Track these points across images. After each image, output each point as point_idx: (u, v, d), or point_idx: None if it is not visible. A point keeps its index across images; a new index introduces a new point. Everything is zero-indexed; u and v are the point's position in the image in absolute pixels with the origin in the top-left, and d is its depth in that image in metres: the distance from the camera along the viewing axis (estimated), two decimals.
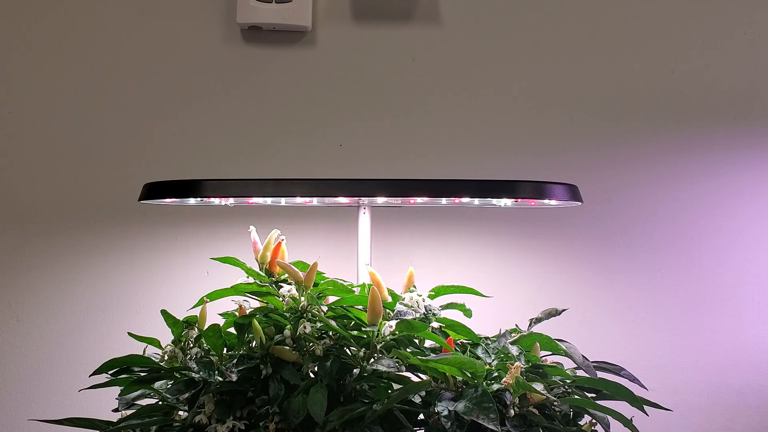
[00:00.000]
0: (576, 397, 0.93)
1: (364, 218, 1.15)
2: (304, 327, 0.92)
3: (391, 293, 1.02)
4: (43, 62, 1.44)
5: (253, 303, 1.01)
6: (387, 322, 0.93)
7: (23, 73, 1.43)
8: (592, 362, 0.96)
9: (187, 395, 0.92)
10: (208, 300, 1.01)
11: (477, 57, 1.45)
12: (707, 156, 1.43)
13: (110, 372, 0.97)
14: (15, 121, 1.43)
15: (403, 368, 0.91)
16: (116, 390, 0.98)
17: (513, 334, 1.00)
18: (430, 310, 1.00)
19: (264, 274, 1.02)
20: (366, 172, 1.41)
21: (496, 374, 0.92)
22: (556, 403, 0.91)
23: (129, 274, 1.41)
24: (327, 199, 1.15)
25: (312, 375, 0.93)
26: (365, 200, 1.14)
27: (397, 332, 0.93)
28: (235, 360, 0.93)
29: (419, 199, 1.13)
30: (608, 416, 0.90)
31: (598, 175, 1.43)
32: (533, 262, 1.43)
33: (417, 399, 0.93)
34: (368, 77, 1.44)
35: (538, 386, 0.89)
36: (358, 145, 1.43)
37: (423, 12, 1.45)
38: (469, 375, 0.89)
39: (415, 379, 0.94)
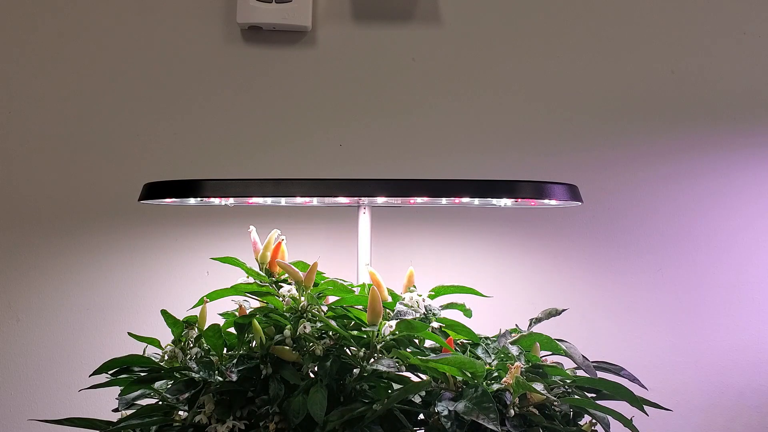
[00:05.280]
0: (576, 397, 0.93)
1: (364, 218, 1.15)
2: (304, 327, 0.92)
3: (391, 293, 1.02)
4: (43, 62, 1.44)
5: (253, 303, 1.01)
6: (387, 322, 0.93)
7: (23, 73, 1.43)
8: (592, 362, 0.96)
9: (187, 395, 0.92)
10: (208, 300, 1.01)
11: (477, 57, 1.45)
12: (707, 156, 1.43)
13: (110, 372, 0.97)
14: (15, 121, 1.43)
15: (403, 368, 0.91)
16: (116, 390, 0.98)
17: (513, 334, 1.00)
18: (430, 310, 1.00)
19: (264, 274, 1.02)
20: (366, 172, 1.41)
21: (496, 374, 0.92)
22: (556, 403, 0.91)
23: (129, 274, 1.41)
24: (327, 199, 1.15)
25: (312, 375, 0.93)
26: (365, 200, 1.14)
27: (397, 332, 0.93)
28: (235, 360, 0.93)
29: (419, 199, 1.13)
30: (608, 416, 0.90)
31: (598, 175, 1.43)
32: (533, 262, 1.43)
33: (417, 399, 0.93)
34: (368, 77, 1.44)
35: (538, 386, 0.89)
36: (358, 145, 1.43)
37: (423, 12, 1.45)
38: (469, 375, 0.89)
39: (415, 379, 0.94)
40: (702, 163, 1.43)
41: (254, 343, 0.94)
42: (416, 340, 0.97)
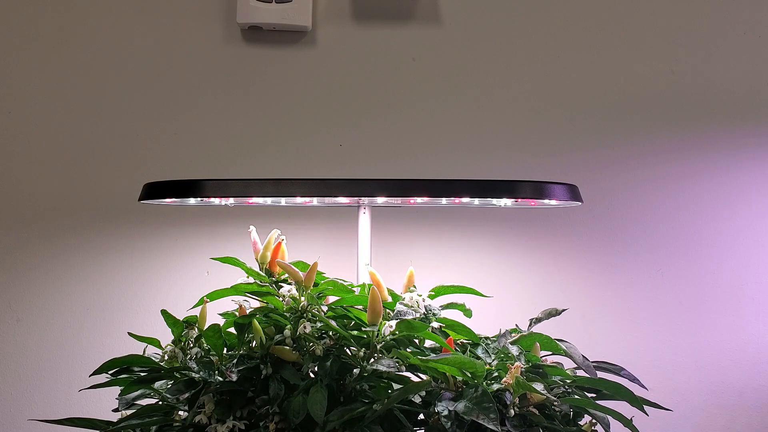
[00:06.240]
0: (576, 397, 0.93)
1: (364, 218, 1.15)
2: (304, 327, 0.92)
3: (391, 293, 1.02)
4: (43, 62, 1.44)
5: (253, 303, 1.01)
6: (387, 322, 0.93)
7: (23, 73, 1.43)
8: (592, 362, 0.96)
9: (187, 395, 0.92)
10: (208, 300, 1.01)
11: (477, 57, 1.45)
12: (707, 156, 1.43)
13: (110, 372, 0.97)
14: (15, 122, 1.43)
15: (403, 368, 0.91)
16: (116, 390, 0.98)
17: (513, 334, 1.00)
18: (430, 310, 1.00)
19: (264, 274, 1.02)
20: (366, 172, 1.41)
21: (496, 374, 0.92)
22: (556, 403, 0.91)
23: (129, 274, 1.41)
24: (327, 199, 1.15)
25: (312, 375, 0.93)
26: (365, 200, 1.14)
27: (397, 332, 0.93)
28: (235, 360, 0.93)
29: (419, 199, 1.13)
30: (608, 416, 0.90)
31: (598, 175, 1.43)
32: (533, 262, 1.43)
33: (417, 399, 0.93)
34: (368, 77, 1.44)
35: (538, 386, 0.89)
36: (358, 145, 1.43)
37: (423, 12, 1.45)
38: (469, 375, 0.89)
39: (415, 379, 0.94)
40: (702, 163, 1.43)
41: (254, 343, 0.94)
42: (416, 340, 0.97)
